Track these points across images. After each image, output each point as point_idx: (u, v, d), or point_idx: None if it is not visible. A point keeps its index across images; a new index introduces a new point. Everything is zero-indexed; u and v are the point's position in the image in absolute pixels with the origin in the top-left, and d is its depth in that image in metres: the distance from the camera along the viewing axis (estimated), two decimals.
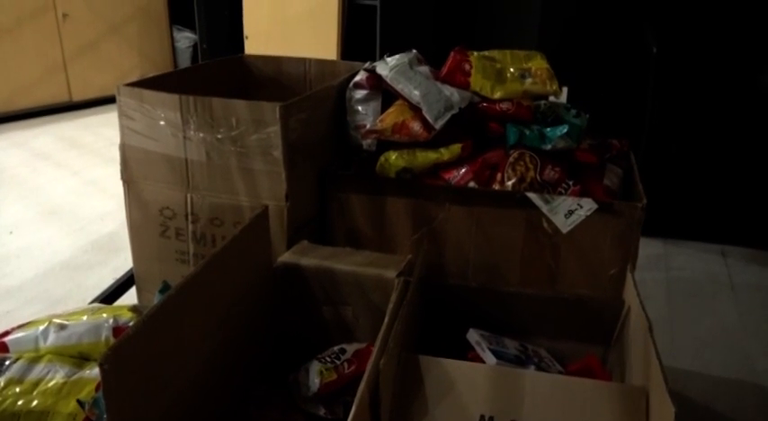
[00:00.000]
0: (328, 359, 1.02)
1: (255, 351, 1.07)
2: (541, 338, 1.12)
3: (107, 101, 3.66)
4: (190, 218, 1.27)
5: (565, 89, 1.48)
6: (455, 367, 0.89)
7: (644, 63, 2.11)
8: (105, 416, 0.82)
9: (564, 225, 1.18)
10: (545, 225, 1.19)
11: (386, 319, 0.92)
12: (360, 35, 2.58)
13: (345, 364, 1.00)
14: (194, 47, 3.87)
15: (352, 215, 1.29)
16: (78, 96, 3.55)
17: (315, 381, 0.98)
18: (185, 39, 3.91)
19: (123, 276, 1.53)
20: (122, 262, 2.00)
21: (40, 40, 3.32)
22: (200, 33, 3.31)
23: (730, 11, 2.05)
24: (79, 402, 0.85)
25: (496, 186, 1.22)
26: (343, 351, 1.03)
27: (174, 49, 3.94)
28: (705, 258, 2.14)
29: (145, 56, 3.80)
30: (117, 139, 1.28)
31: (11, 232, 2.22)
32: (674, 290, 1.97)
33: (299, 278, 1.11)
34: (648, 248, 2.19)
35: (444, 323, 1.11)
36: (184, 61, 3.94)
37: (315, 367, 1.00)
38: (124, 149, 1.28)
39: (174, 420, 0.79)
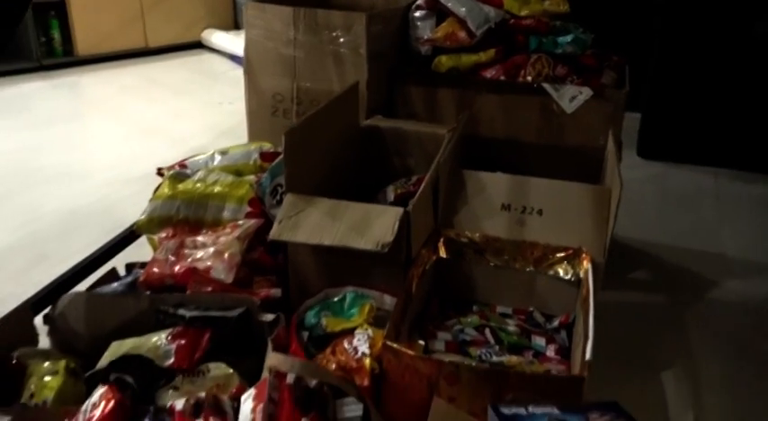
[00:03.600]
0: (398, 183, 1.54)
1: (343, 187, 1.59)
2: None
3: (177, 48, 4.21)
4: (295, 101, 1.79)
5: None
6: (486, 176, 1.41)
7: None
8: (268, 191, 1.35)
9: (568, 107, 1.67)
10: (554, 107, 1.68)
11: (441, 149, 1.43)
12: None
13: (411, 185, 1.52)
14: None
15: (412, 102, 1.80)
16: (153, 43, 4.10)
17: (390, 195, 1.50)
18: None
19: None
20: None
21: None
22: None
23: None
24: (251, 185, 1.38)
25: (520, 80, 1.72)
26: (409, 179, 1.55)
27: (234, 3, 4.46)
28: (698, 177, 2.60)
29: (210, 9, 4.34)
30: (190, 79, 1.79)
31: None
32: (667, 198, 2.44)
33: (377, 136, 1.63)
34: (649, 169, 2.66)
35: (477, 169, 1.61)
36: None
37: (390, 187, 1.52)
38: (248, 50, 1.80)
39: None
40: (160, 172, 1.53)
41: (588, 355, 0.97)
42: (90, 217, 2.14)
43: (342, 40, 1.68)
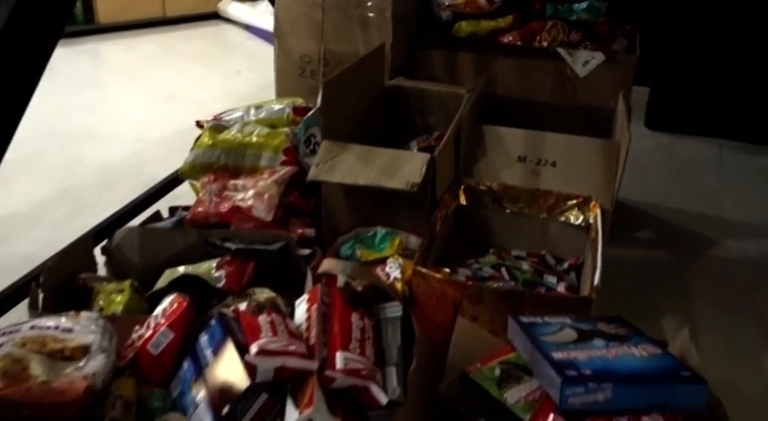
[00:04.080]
0: (421, 138, 1.66)
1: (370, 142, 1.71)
2: None
3: (193, 19, 4.30)
4: (322, 62, 1.90)
5: None
6: (504, 130, 1.53)
7: None
8: (302, 140, 1.47)
9: (581, 71, 1.78)
10: (568, 71, 1.79)
11: (461, 107, 1.55)
12: None
13: (433, 140, 1.64)
14: None
15: (433, 65, 1.91)
16: (171, 13, 4.20)
17: (414, 149, 1.62)
18: None
19: None
20: None
21: None
22: None
23: None
24: (286, 136, 1.50)
25: (536, 45, 1.83)
26: (430, 134, 1.67)
27: None
28: (703, 148, 2.71)
29: None
30: (208, 50, 1.89)
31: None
32: (672, 166, 2.56)
33: (401, 95, 1.75)
34: (657, 139, 2.77)
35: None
36: None
37: (413, 142, 1.65)
38: (278, 13, 1.91)
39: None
40: (199, 124, 1.66)
41: (596, 281, 1.10)
42: (122, 172, 2.27)
43: (369, 3, 1.79)
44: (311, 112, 1.52)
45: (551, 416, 0.80)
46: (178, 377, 0.91)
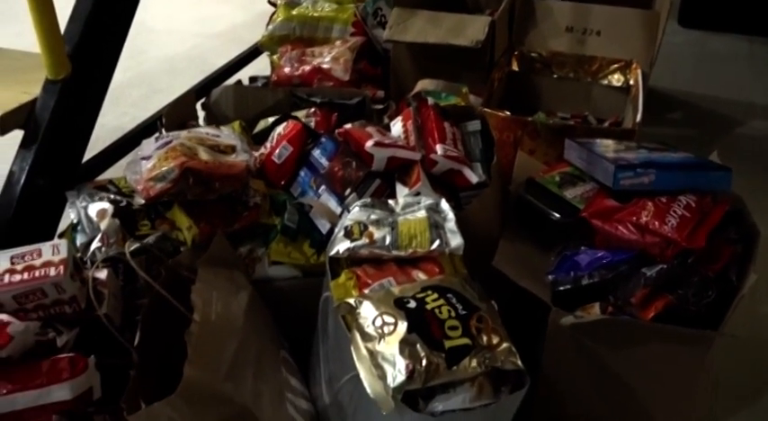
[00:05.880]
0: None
1: None
2: None
3: None
4: None
5: None
6: (553, 3, 1.68)
7: None
8: (370, 12, 1.65)
9: None
10: None
11: None
12: None
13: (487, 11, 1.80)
14: None
15: None
16: None
17: None
18: None
19: None
20: None
21: None
22: None
23: None
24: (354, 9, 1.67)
25: None
26: (482, 13, 1.83)
27: None
28: (734, 43, 2.83)
29: None
30: None
31: None
32: (703, 58, 2.70)
33: None
34: (689, 35, 2.89)
35: None
36: None
37: None
38: None
39: None
40: (272, 2, 1.83)
41: (638, 119, 1.30)
42: (187, 61, 2.47)
43: None
44: None
45: (603, 200, 1.01)
46: (297, 182, 1.14)
